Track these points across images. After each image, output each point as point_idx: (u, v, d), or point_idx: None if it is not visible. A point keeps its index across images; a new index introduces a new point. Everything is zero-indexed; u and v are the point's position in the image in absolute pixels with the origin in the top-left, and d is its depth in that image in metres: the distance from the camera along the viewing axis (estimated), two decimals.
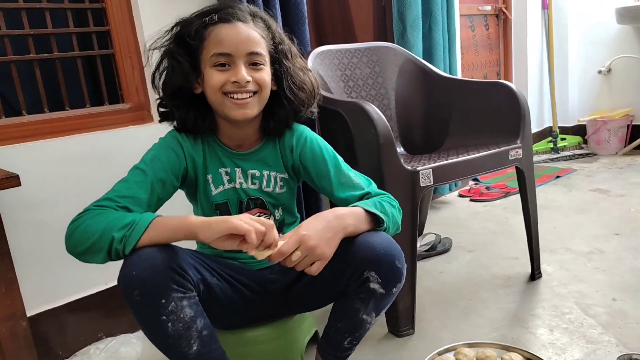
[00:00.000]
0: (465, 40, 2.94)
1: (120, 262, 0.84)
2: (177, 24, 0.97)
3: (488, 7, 3.12)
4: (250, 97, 0.94)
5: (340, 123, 1.35)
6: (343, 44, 1.79)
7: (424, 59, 2.10)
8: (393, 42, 2.07)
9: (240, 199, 1.04)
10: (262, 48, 0.95)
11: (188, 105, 0.97)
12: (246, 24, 0.94)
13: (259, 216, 1.02)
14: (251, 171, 1.04)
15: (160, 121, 1.04)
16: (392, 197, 1.02)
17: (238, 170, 1.03)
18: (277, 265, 1.10)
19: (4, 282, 1.01)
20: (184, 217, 0.83)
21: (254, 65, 0.94)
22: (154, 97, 1.49)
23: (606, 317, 1.33)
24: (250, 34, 0.94)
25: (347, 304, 0.97)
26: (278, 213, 1.10)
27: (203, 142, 1.02)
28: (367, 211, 0.93)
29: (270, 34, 0.99)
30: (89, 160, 1.38)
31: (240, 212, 1.04)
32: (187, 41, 0.93)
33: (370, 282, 0.91)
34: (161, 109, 1.04)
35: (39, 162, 1.30)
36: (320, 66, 1.69)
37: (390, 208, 0.98)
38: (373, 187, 1.04)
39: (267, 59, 0.97)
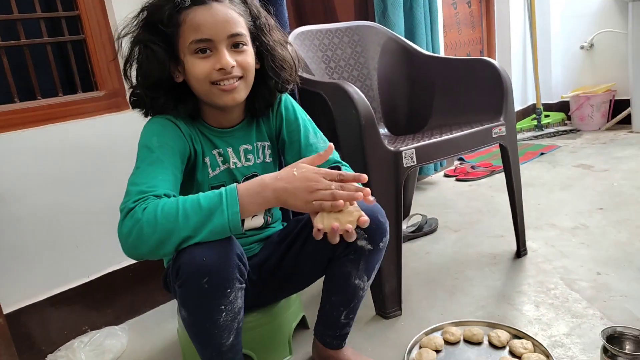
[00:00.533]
0: (447, 19, 2.90)
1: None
2: (143, 9, 0.91)
3: None
4: (237, 81, 0.91)
5: (322, 105, 1.32)
6: (323, 24, 1.75)
7: (405, 37, 2.07)
8: (374, 21, 2.03)
9: (235, 180, 1.02)
10: (242, 27, 0.91)
11: (169, 96, 0.93)
12: (222, 4, 0.89)
13: None
14: (243, 147, 1.02)
15: (133, 108, 0.99)
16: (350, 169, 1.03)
17: (230, 150, 1.01)
18: (265, 249, 1.09)
19: None
20: (260, 181, 0.79)
21: (235, 47, 0.90)
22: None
23: (591, 291, 1.34)
24: (228, 13, 0.88)
25: (338, 270, 0.99)
26: None
27: (193, 124, 0.97)
28: None
29: (247, 8, 0.94)
30: (63, 151, 1.34)
31: None
32: (160, 28, 0.87)
33: (358, 240, 0.93)
34: (134, 98, 0.97)
35: (10, 154, 1.25)
36: (300, 47, 1.65)
37: None
38: (337, 156, 1.05)
39: (248, 37, 0.92)
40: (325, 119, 1.32)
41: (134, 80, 0.95)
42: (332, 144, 0.85)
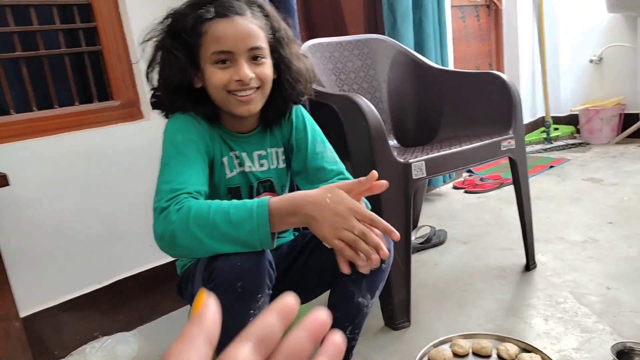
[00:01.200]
0: (456, 32, 2.93)
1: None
2: (169, 16, 0.94)
3: None
4: (253, 93, 0.93)
5: (332, 116, 1.34)
6: (334, 36, 1.78)
7: (415, 50, 2.09)
8: (384, 35, 2.06)
9: (250, 183, 1.03)
10: (262, 41, 0.93)
11: (188, 99, 0.96)
12: (244, 17, 0.91)
13: None
14: (257, 152, 1.04)
15: (153, 108, 1.02)
16: None
17: (244, 155, 1.03)
18: (274, 257, 1.10)
19: None
20: (291, 200, 0.79)
21: (254, 59, 0.92)
22: (143, 93, 1.49)
23: (600, 305, 1.33)
24: (250, 28, 0.91)
25: (341, 288, 1.00)
26: None
27: (211, 126, 0.99)
28: None
29: (269, 22, 0.96)
30: (79, 158, 1.37)
31: (250, 196, 1.04)
32: (183, 36, 0.91)
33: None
34: (154, 100, 1.01)
35: (27, 162, 1.28)
36: (311, 59, 1.67)
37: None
38: (343, 168, 1.06)
39: (267, 50, 0.95)
40: (335, 131, 1.34)
41: (154, 82, 0.98)
42: (375, 172, 0.81)
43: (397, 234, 0.78)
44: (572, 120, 3.44)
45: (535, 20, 3.38)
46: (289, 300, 0.27)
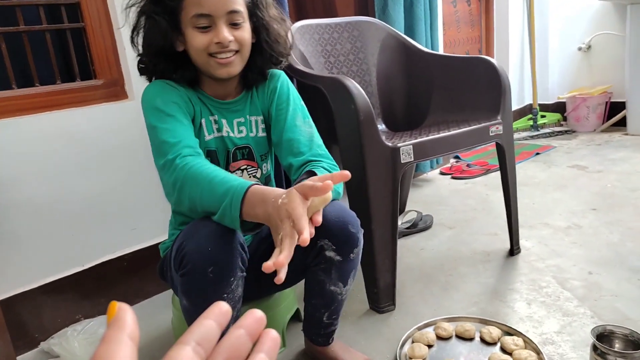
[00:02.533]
0: (447, 16, 2.91)
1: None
2: None
3: None
4: (233, 55, 0.95)
5: (321, 99, 1.32)
6: (323, 18, 1.75)
7: (405, 34, 2.07)
8: (374, 17, 2.03)
9: (227, 148, 1.03)
10: (240, 5, 0.94)
11: (170, 62, 0.97)
12: None
13: (245, 169, 1.05)
14: (237, 119, 1.04)
15: (140, 74, 1.03)
16: (334, 162, 1.01)
17: (224, 121, 1.03)
18: (254, 243, 1.10)
19: None
20: (262, 196, 0.76)
21: (233, 24, 0.94)
22: (127, 72, 1.45)
23: (582, 290, 1.35)
24: None
25: (312, 278, 1.01)
26: (265, 167, 1.10)
27: (192, 90, 1.01)
28: None
29: None
30: (60, 138, 1.33)
31: (227, 162, 1.04)
32: (165, 1, 0.92)
33: (325, 251, 0.95)
34: (141, 65, 1.02)
35: (7, 141, 1.25)
36: (300, 41, 1.65)
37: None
38: (320, 147, 1.02)
39: (246, 14, 0.96)
40: (323, 113, 1.32)
41: (140, 48, 0.99)
42: (345, 173, 0.75)
43: (304, 238, 0.68)
44: (559, 107, 3.46)
45: (525, 7, 3.37)
46: (223, 306, 0.30)
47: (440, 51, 2.51)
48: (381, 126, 1.80)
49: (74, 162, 1.36)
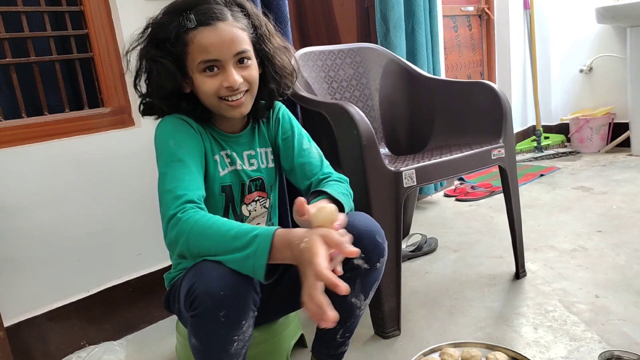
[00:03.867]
0: (448, 41, 2.95)
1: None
2: (149, 26, 0.95)
3: (471, 8, 3.14)
4: (243, 96, 0.95)
5: (324, 124, 1.34)
6: (326, 45, 1.79)
7: (407, 59, 2.11)
8: (376, 43, 2.07)
9: (242, 181, 1.04)
10: (247, 43, 0.94)
11: (178, 104, 0.97)
12: (226, 22, 0.91)
13: (257, 200, 1.06)
14: (246, 152, 1.05)
15: (143, 115, 1.03)
16: (346, 179, 1.06)
17: (235, 154, 1.03)
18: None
19: None
20: (287, 241, 0.75)
21: (241, 62, 0.94)
22: (134, 100, 1.48)
23: (589, 314, 1.34)
24: (233, 33, 0.91)
25: None
26: (273, 197, 1.12)
27: (203, 126, 1.00)
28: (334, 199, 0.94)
29: (250, 21, 0.96)
30: (69, 165, 1.36)
31: (242, 194, 1.04)
32: (167, 46, 0.91)
33: (354, 258, 0.94)
34: (144, 106, 1.02)
35: (17, 168, 1.27)
36: (304, 67, 1.68)
37: (348, 191, 1.02)
38: (328, 166, 1.08)
39: (252, 50, 0.96)
40: (327, 139, 1.34)
41: (142, 90, 0.99)
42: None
43: (341, 289, 0.71)
44: (562, 129, 3.47)
45: (526, 30, 3.41)
46: None
47: (442, 75, 2.54)
48: (384, 150, 1.81)
49: (81, 188, 1.38)
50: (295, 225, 0.83)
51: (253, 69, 0.96)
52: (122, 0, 1.41)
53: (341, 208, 0.94)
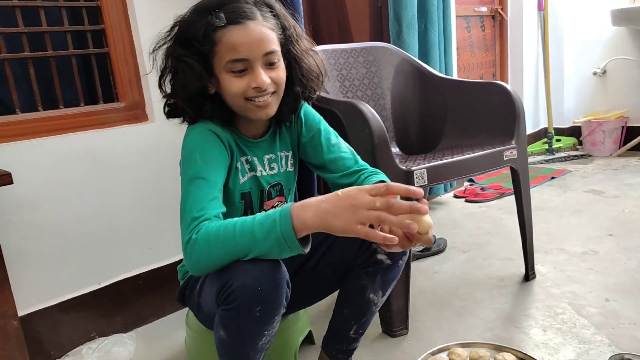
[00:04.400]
0: (461, 41, 2.94)
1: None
2: (176, 24, 0.93)
3: (484, 8, 3.13)
4: (270, 97, 0.93)
5: (336, 123, 1.34)
6: (339, 44, 1.79)
7: (419, 59, 2.10)
8: (389, 43, 2.07)
9: (261, 187, 1.03)
10: (275, 43, 0.92)
11: (204, 104, 0.94)
12: (256, 22, 0.89)
13: (276, 206, 1.05)
14: (267, 156, 1.04)
15: (168, 118, 1.00)
16: (382, 172, 1.05)
17: (255, 159, 1.02)
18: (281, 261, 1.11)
19: None
20: (302, 203, 0.76)
21: (269, 64, 0.92)
22: (149, 96, 1.50)
23: (599, 317, 1.33)
24: (263, 32, 0.89)
25: (354, 282, 1.01)
26: (289, 200, 1.12)
27: (228, 131, 0.98)
28: None
29: (279, 22, 0.94)
30: (83, 159, 1.37)
31: (261, 200, 1.04)
32: (195, 45, 0.89)
33: (378, 253, 0.96)
34: (168, 108, 1.00)
35: (32, 161, 1.29)
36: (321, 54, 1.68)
37: None
38: (360, 159, 1.08)
39: (280, 52, 0.94)
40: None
41: (167, 90, 0.97)
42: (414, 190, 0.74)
43: (420, 191, 0.72)
44: (574, 132, 3.44)
45: (540, 32, 3.39)
46: None
47: (455, 76, 2.53)
48: (395, 149, 1.81)
49: (94, 182, 1.40)
50: None
51: (281, 71, 0.94)
52: None
53: None
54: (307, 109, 1.09)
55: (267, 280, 0.78)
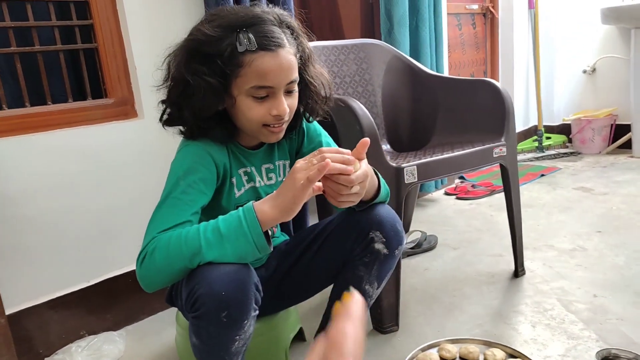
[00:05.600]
0: (452, 39, 2.95)
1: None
2: (194, 38, 0.87)
3: (475, 6, 3.13)
4: (285, 123, 0.93)
5: (326, 119, 1.34)
6: (330, 40, 1.79)
7: (410, 56, 2.10)
8: (380, 39, 2.07)
9: (259, 198, 1.00)
10: (296, 69, 0.90)
11: (213, 127, 0.91)
12: (285, 49, 0.86)
13: None
14: (265, 166, 1.04)
15: (165, 126, 0.95)
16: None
17: (253, 169, 1.02)
18: (273, 259, 1.11)
19: None
20: (258, 209, 0.79)
21: (289, 91, 0.90)
22: (137, 92, 1.49)
23: (587, 313, 1.35)
24: (291, 61, 0.87)
25: (351, 273, 1.01)
26: None
27: (226, 145, 0.97)
28: (378, 183, 0.99)
29: (299, 45, 0.92)
30: (72, 156, 1.36)
31: None
32: (218, 64, 0.84)
33: (375, 243, 0.97)
34: (167, 116, 0.95)
35: (19, 157, 1.28)
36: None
37: (385, 185, 1.04)
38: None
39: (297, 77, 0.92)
40: (329, 133, 1.34)
41: (168, 105, 0.94)
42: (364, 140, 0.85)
43: (346, 151, 0.82)
44: (564, 129, 3.47)
45: (530, 30, 3.41)
46: None
47: (446, 73, 2.54)
48: (386, 146, 1.81)
49: (83, 179, 1.39)
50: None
51: (296, 98, 0.93)
52: None
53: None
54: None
55: (232, 283, 0.77)
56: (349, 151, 0.82)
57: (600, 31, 3.26)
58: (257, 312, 0.84)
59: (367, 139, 0.82)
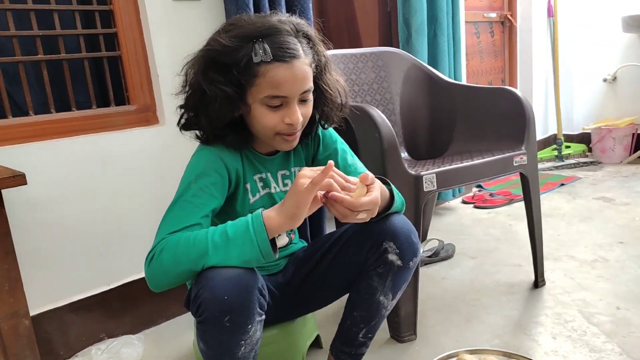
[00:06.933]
0: (470, 47, 2.94)
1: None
2: (211, 48, 0.89)
3: (493, 14, 3.12)
4: (298, 131, 0.94)
5: (345, 127, 1.35)
6: (349, 48, 1.80)
7: (429, 64, 2.10)
8: (398, 48, 2.07)
9: (275, 204, 1.03)
10: (311, 79, 0.91)
11: (229, 134, 0.94)
12: (300, 60, 0.87)
13: None
14: (280, 172, 1.05)
15: (181, 130, 0.98)
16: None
17: (269, 175, 1.03)
18: (290, 265, 1.11)
19: (8, 281, 1.01)
20: (266, 215, 0.80)
21: (303, 100, 0.92)
22: (159, 99, 1.51)
23: (610, 325, 1.32)
24: (306, 71, 0.89)
25: (365, 283, 1.00)
26: None
27: (241, 151, 0.98)
28: (390, 194, 0.97)
29: (316, 54, 0.93)
30: (94, 161, 1.39)
31: None
32: (234, 73, 0.86)
33: (389, 253, 0.95)
34: (184, 121, 0.97)
35: (44, 162, 1.31)
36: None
37: (399, 195, 1.02)
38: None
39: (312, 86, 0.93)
40: (347, 141, 1.35)
41: (186, 110, 0.96)
42: (367, 173, 0.84)
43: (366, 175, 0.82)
44: (584, 138, 3.42)
45: (549, 38, 3.38)
46: None
47: (464, 81, 2.53)
48: (404, 154, 1.81)
49: (105, 184, 1.41)
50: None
51: (310, 106, 0.94)
52: (151, 0, 1.44)
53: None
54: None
55: (235, 288, 0.77)
56: (356, 179, 0.83)
57: (621, 39, 3.22)
58: (264, 317, 0.84)
59: (331, 161, 0.78)
